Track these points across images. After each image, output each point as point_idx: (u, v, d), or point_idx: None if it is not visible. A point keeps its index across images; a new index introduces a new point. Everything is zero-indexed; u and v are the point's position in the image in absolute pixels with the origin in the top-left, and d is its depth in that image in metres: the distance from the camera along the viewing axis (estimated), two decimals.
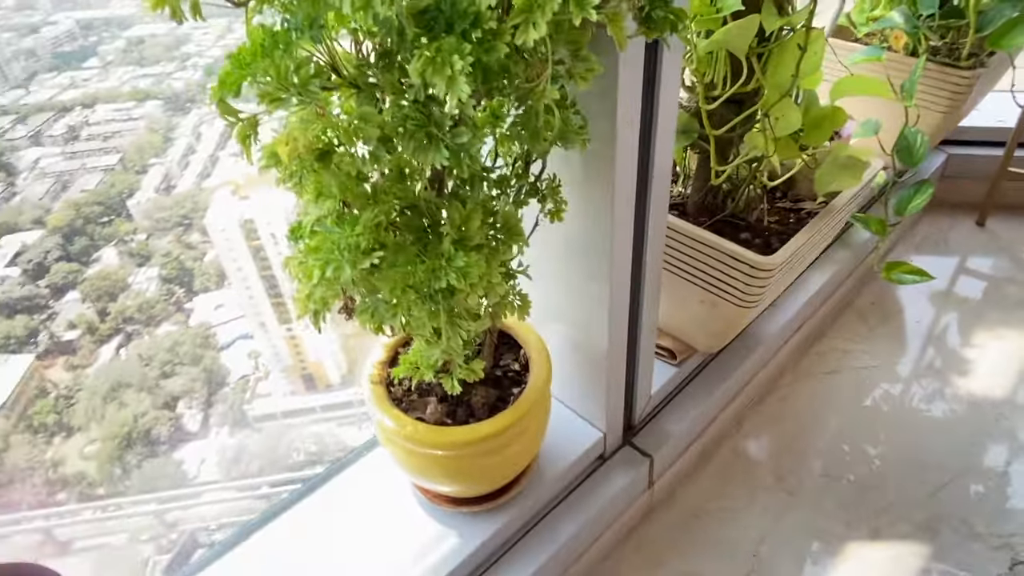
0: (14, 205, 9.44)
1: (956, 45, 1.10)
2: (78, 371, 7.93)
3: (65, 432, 8.56)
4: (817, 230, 0.79)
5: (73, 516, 7.36)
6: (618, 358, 0.79)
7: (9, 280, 8.27)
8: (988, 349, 1.15)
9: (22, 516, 7.15)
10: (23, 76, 11.04)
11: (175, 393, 7.85)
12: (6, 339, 7.89)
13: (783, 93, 0.71)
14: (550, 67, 0.42)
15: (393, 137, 0.44)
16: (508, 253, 0.54)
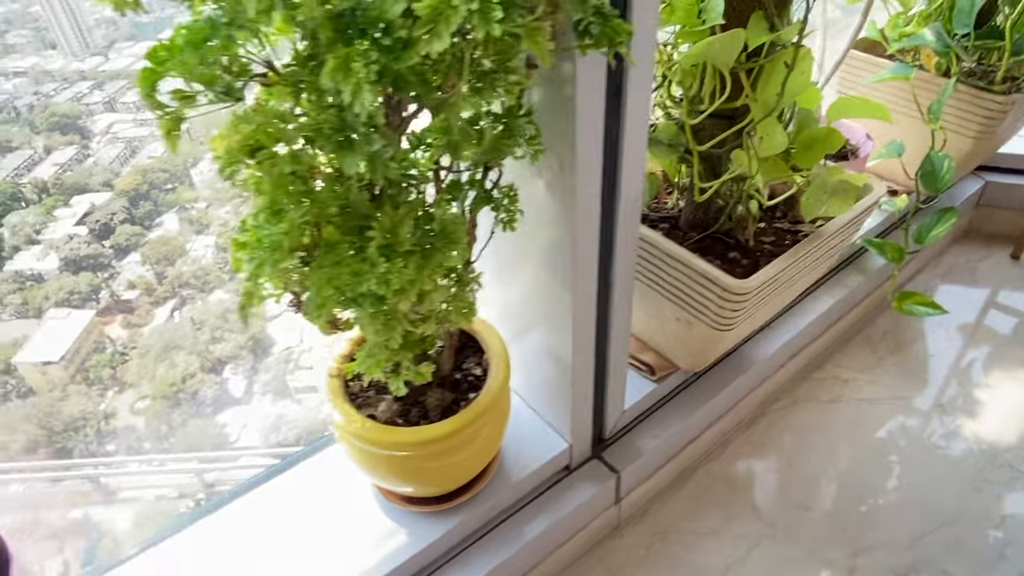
0: (86, 167, 9.87)
1: (991, 68, 1.04)
2: (134, 329, 8.27)
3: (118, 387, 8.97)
4: (801, 257, 0.76)
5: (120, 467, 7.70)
6: (584, 370, 0.77)
7: (77, 238, 8.66)
8: (1004, 392, 1.09)
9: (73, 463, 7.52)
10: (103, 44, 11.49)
11: (222, 358, 8.11)
12: (70, 294, 8.28)
13: (767, 112, 0.68)
14: (464, 78, 0.41)
15: (315, 139, 0.44)
16: (446, 259, 0.53)
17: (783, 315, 1.07)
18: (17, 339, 8.04)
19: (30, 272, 8.91)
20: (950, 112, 1.08)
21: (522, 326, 0.81)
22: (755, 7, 0.66)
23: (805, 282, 0.88)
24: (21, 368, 8.10)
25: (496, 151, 0.51)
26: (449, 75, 0.41)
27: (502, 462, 0.83)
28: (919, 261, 1.32)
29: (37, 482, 7.63)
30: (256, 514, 0.79)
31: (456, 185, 0.59)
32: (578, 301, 0.70)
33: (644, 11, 0.56)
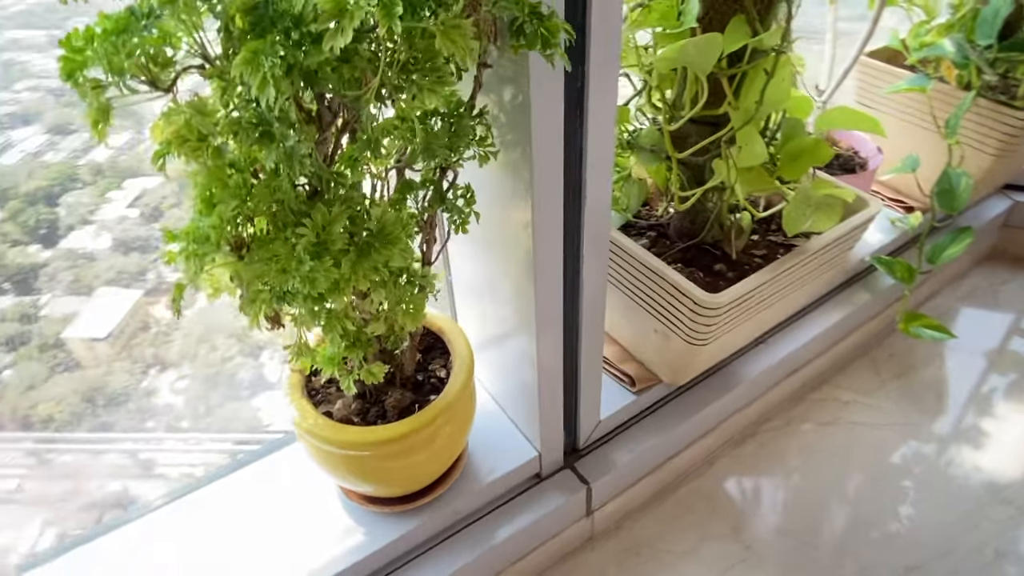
0: (139, 152, 10.19)
1: (1014, 82, 0.98)
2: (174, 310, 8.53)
3: (160, 366, 9.26)
4: (781, 273, 0.72)
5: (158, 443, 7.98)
6: (552, 379, 0.76)
7: (128, 220, 8.96)
8: (1011, 424, 1.03)
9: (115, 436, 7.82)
10: None
11: (260, 344, 8.32)
12: (119, 273, 8.58)
13: (746, 120, 0.65)
14: (379, 76, 0.40)
15: (237, 133, 0.43)
16: (384, 259, 0.52)
17: (778, 331, 1.03)
18: (68, 315, 8.37)
19: (83, 251, 9.27)
20: (970, 127, 1.03)
21: (496, 331, 0.80)
22: (736, 11, 0.64)
23: (796, 298, 0.85)
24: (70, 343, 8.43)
25: (429, 151, 0.49)
26: (364, 72, 0.40)
27: (469, 466, 0.82)
28: (937, 282, 1.26)
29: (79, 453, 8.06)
30: (220, 503, 0.80)
31: (409, 185, 0.58)
32: (542, 309, 0.69)
33: (606, 12, 0.54)
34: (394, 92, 0.42)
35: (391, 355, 0.74)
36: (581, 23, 0.53)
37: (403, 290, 0.58)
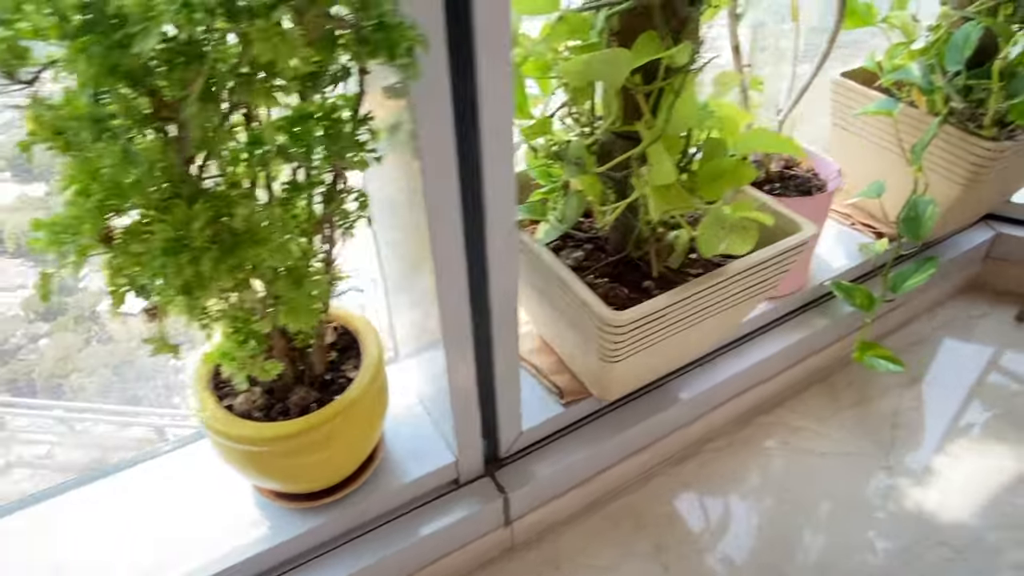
0: None
1: (982, 111, 0.95)
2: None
3: (189, 344, 9.48)
4: (695, 295, 0.71)
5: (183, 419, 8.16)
6: (463, 389, 0.75)
7: None
8: (962, 463, 1.00)
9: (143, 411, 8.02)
10: None
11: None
12: None
13: (654, 138, 0.64)
14: (201, 79, 0.40)
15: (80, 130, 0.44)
16: (250, 259, 0.53)
17: (724, 352, 1.02)
18: (104, 289, 8.62)
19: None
20: (938, 155, 1.00)
21: (420, 337, 0.80)
22: (649, 27, 0.63)
23: (731, 319, 0.83)
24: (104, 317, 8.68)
25: (284, 155, 0.50)
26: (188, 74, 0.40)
27: (385, 466, 0.82)
28: (911, 310, 1.23)
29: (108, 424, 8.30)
30: (135, 488, 0.81)
31: (296, 186, 0.58)
32: (448, 321, 0.69)
33: (493, 21, 0.54)
34: (229, 95, 0.42)
35: (302, 353, 0.75)
36: (466, 30, 0.53)
37: (288, 289, 0.59)
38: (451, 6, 0.51)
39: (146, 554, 0.74)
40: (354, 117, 0.55)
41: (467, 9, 0.52)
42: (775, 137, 0.71)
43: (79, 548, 0.75)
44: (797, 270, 1.05)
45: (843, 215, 1.19)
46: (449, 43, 0.53)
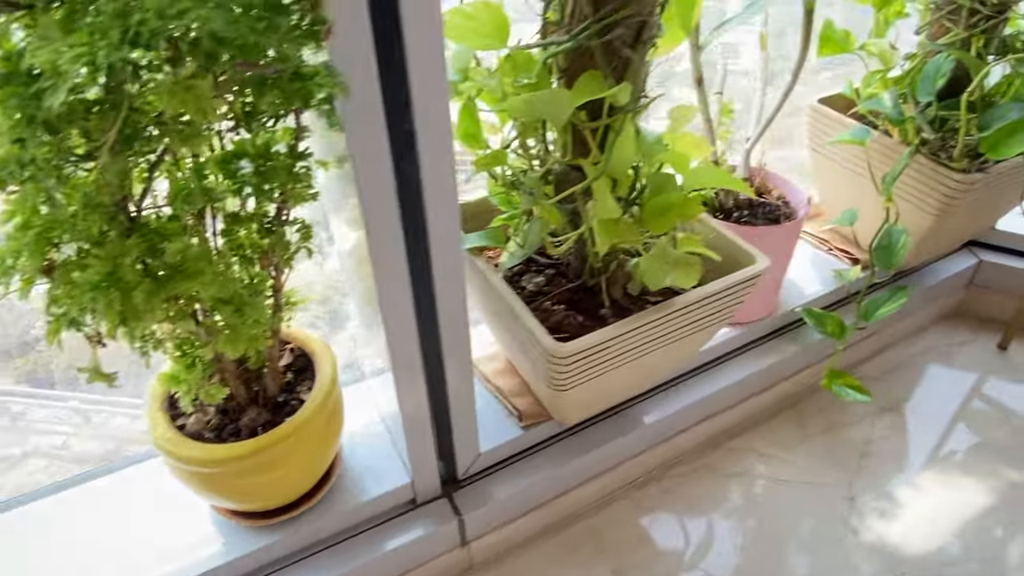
0: None
1: (952, 142, 0.95)
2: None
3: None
4: (638, 328, 0.72)
5: None
6: (413, 412, 0.77)
7: None
8: (927, 495, 0.99)
9: None
10: None
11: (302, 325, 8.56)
12: None
13: (597, 174, 0.65)
14: (115, 129, 0.41)
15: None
16: (181, 291, 0.54)
17: (691, 377, 1.02)
18: None
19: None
20: (911, 184, 1.00)
21: (375, 359, 0.82)
22: (592, 66, 0.64)
23: (686, 348, 0.83)
24: None
25: (209, 195, 0.51)
26: (104, 123, 0.41)
27: (343, 485, 0.84)
28: (888, 336, 1.22)
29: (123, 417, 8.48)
30: (93, 502, 0.83)
31: (236, 218, 0.60)
32: (394, 347, 0.70)
33: (426, 65, 0.55)
34: (146, 143, 0.44)
35: (257, 374, 0.76)
36: (400, 70, 0.54)
37: (228, 317, 0.60)
38: (383, 48, 0.53)
39: (100, 569, 0.76)
40: (291, 153, 0.57)
41: (401, 50, 0.53)
42: (719, 173, 0.72)
43: (33, 563, 0.77)
44: (766, 296, 1.05)
45: (820, 240, 1.19)
46: (382, 80, 0.54)
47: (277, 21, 0.39)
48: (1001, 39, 0.94)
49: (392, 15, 0.51)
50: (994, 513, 0.97)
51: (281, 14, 0.39)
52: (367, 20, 0.50)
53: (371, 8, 0.50)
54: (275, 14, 0.39)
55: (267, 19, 0.39)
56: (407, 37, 0.53)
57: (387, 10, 0.51)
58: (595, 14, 0.60)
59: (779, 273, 1.03)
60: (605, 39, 0.61)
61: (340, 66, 0.50)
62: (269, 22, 0.39)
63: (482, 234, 0.82)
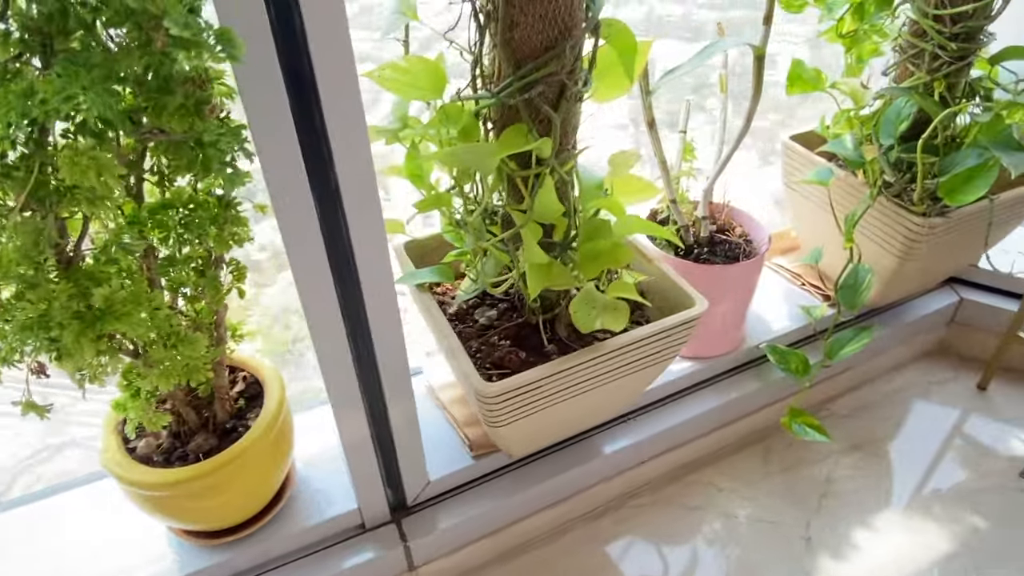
0: None
1: (912, 186, 0.94)
2: (259, 288, 9.05)
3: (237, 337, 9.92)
4: (569, 369, 0.73)
5: None
6: (355, 442, 0.79)
7: None
8: (885, 538, 0.99)
9: None
10: None
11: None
12: None
13: (524, 222, 0.67)
14: (24, 194, 0.45)
15: None
16: (119, 331, 0.58)
17: (651, 409, 1.03)
18: None
19: None
20: (875, 225, 1.00)
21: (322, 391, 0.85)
22: (518, 120, 0.66)
23: (629, 387, 0.85)
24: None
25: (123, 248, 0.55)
26: (14, 188, 0.45)
27: (295, 507, 0.87)
28: (862, 373, 1.21)
29: None
30: (50, 517, 0.88)
31: (170, 261, 0.64)
32: (330, 382, 0.73)
33: (346, 123, 0.58)
34: (58, 205, 0.47)
35: (209, 402, 0.80)
36: (320, 129, 0.57)
37: (160, 353, 0.64)
38: (300, 108, 0.56)
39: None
40: (219, 203, 0.60)
41: (319, 109, 0.56)
42: (644, 223, 0.73)
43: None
44: (730, 331, 1.05)
45: (794, 275, 1.19)
46: (300, 136, 0.57)
47: (164, 100, 0.42)
48: (968, 82, 0.94)
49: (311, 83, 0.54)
50: (955, 559, 0.96)
51: (167, 94, 0.42)
52: (282, 87, 0.53)
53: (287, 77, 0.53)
54: (162, 95, 0.42)
55: (155, 99, 0.42)
56: (325, 104, 0.56)
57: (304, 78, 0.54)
58: (515, 73, 0.62)
59: (741, 309, 1.04)
60: (525, 97, 0.63)
61: (259, 129, 0.54)
62: (156, 102, 0.43)
63: (433, 270, 0.85)
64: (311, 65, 0.54)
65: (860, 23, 0.93)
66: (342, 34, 0.54)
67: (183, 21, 0.39)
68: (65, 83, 0.40)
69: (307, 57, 0.54)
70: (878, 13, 0.92)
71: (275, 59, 0.53)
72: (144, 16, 0.40)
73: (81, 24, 0.43)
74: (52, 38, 0.43)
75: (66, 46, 0.43)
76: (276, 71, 0.53)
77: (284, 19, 0.51)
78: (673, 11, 2.41)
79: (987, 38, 0.90)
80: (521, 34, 0.61)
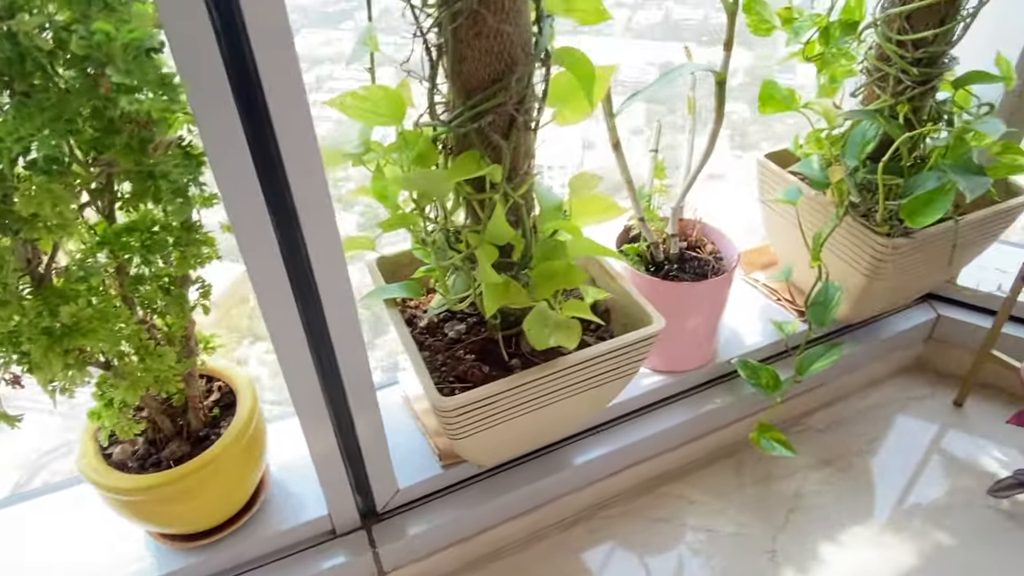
0: None
1: (875, 207, 0.96)
2: None
3: (252, 337, 9.99)
4: (525, 384, 0.76)
5: None
6: (323, 452, 0.83)
7: None
8: (851, 553, 1.00)
9: None
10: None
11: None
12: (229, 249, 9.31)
13: (477, 244, 0.70)
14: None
15: None
16: (86, 346, 0.62)
17: (624, 421, 1.05)
18: None
19: None
20: (844, 243, 1.01)
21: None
22: (470, 147, 0.69)
23: (591, 401, 0.87)
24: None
25: (85, 270, 0.58)
26: None
27: (268, 511, 0.90)
28: (838, 388, 1.22)
29: None
30: (41, 517, 0.92)
31: (138, 279, 0.67)
32: (295, 394, 0.76)
33: (300, 149, 0.61)
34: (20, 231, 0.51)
35: (184, 410, 0.83)
36: (275, 156, 0.61)
37: (128, 366, 0.68)
38: (255, 135, 0.59)
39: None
40: (182, 226, 0.64)
41: (273, 137, 0.60)
42: (595, 245, 0.76)
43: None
44: (701, 345, 1.07)
45: (770, 290, 1.21)
46: (256, 162, 0.60)
47: (111, 139, 0.46)
48: (934, 105, 0.95)
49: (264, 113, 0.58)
50: (920, 575, 0.97)
51: (114, 133, 0.46)
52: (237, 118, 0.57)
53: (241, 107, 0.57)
54: (106, 135, 0.46)
55: (98, 138, 0.45)
56: (278, 132, 0.59)
57: (258, 108, 0.57)
58: (466, 103, 0.65)
59: (712, 324, 1.05)
60: (476, 126, 0.66)
61: (216, 157, 0.57)
62: (105, 139, 0.46)
63: (402, 285, 0.88)
64: (264, 96, 0.57)
65: (826, 47, 0.95)
66: (293, 68, 0.57)
67: (125, 68, 0.43)
68: (17, 125, 0.43)
69: (260, 89, 0.57)
70: (843, 37, 0.93)
71: (229, 91, 0.56)
72: (92, 62, 0.44)
73: (38, 67, 0.46)
74: (13, 80, 0.47)
75: (25, 87, 0.47)
76: (230, 102, 0.56)
77: (236, 55, 0.55)
78: (691, 15, 2.42)
79: (950, 62, 0.91)
80: (469, 67, 0.63)
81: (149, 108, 0.43)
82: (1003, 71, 0.92)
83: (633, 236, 1.05)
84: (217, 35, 0.53)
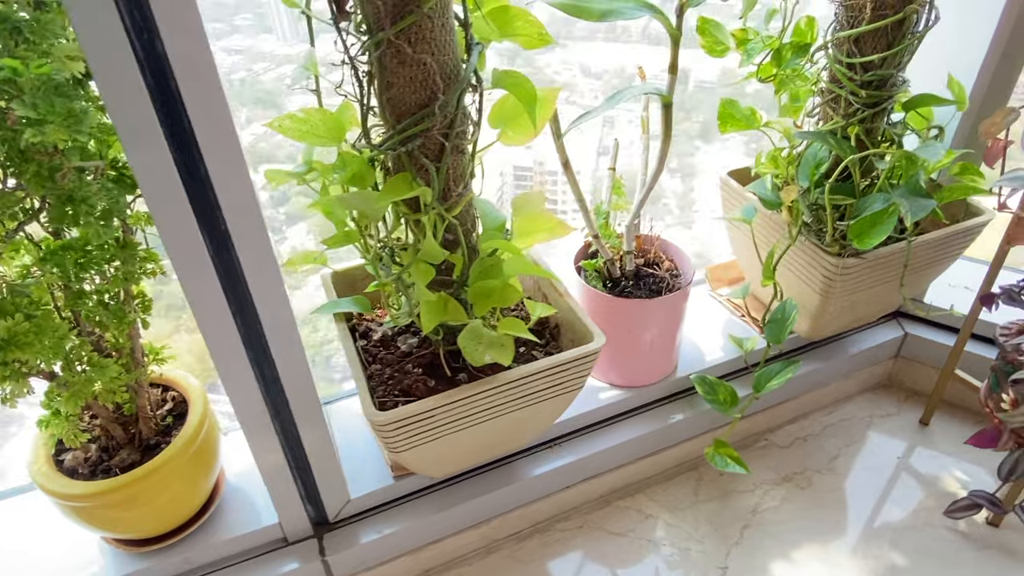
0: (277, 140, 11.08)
1: (825, 228, 0.96)
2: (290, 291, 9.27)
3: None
4: (461, 400, 0.77)
5: None
6: (270, 463, 0.84)
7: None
8: (805, 570, 1.00)
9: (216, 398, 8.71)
10: None
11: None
12: None
13: (410, 262, 0.72)
14: None
15: None
16: (23, 358, 0.64)
17: (578, 435, 1.06)
18: None
19: None
20: (800, 262, 1.01)
21: None
22: (404, 168, 0.70)
23: (537, 416, 0.88)
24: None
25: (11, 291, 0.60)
26: None
27: (221, 518, 0.92)
28: (805, 404, 1.23)
29: None
30: (1, 519, 0.95)
31: (79, 294, 0.69)
32: (239, 408, 0.78)
33: (227, 171, 0.63)
34: None
35: (136, 419, 0.86)
36: (204, 178, 0.63)
37: (70, 377, 0.70)
38: (183, 160, 0.61)
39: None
40: (117, 244, 0.66)
41: (202, 161, 0.62)
42: (527, 264, 0.77)
43: None
44: (659, 361, 1.08)
45: (735, 306, 1.21)
46: (186, 186, 0.62)
47: (23, 167, 0.48)
48: (887, 127, 0.95)
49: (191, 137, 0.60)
50: None
51: (25, 162, 0.48)
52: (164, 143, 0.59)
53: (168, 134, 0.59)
54: (20, 163, 0.48)
55: (15, 165, 0.48)
56: (206, 157, 0.61)
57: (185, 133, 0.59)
58: (395, 128, 0.67)
59: (669, 340, 1.06)
60: (405, 149, 0.67)
61: (146, 182, 0.59)
62: (17, 168, 0.48)
63: (351, 300, 0.90)
64: (189, 121, 0.59)
65: (779, 68, 0.96)
66: (216, 95, 0.59)
67: (32, 102, 0.45)
68: None
69: (185, 115, 0.59)
70: (795, 59, 0.94)
71: (155, 118, 0.58)
72: (2, 95, 0.46)
73: None
74: None
75: None
76: (157, 129, 0.59)
77: (159, 80, 0.57)
78: None
79: (901, 85, 0.91)
80: (396, 93, 0.65)
81: (54, 140, 0.45)
82: (955, 94, 0.92)
83: (592, 252, 1.07)
84: (140, 65, 0.56)
